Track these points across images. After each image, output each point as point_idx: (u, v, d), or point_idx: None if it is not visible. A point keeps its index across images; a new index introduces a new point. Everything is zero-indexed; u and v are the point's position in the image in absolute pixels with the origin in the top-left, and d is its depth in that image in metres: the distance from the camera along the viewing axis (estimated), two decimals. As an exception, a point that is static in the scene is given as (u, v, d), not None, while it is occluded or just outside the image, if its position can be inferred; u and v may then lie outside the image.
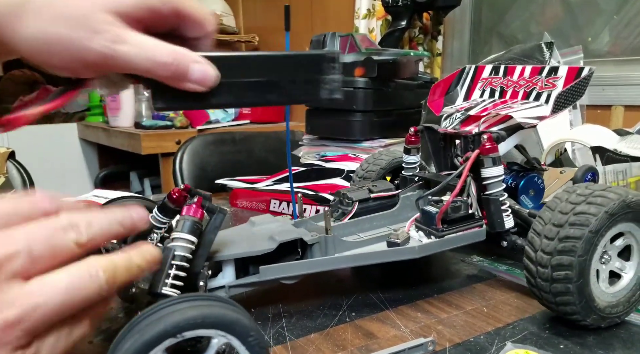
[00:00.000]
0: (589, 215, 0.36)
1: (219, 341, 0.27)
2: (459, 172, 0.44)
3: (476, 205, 0.45)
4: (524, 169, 0.52)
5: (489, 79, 0.53)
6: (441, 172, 0.53)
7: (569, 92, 0.45)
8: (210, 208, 0.37)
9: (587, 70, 0.45)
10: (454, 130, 0.50)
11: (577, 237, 0.36)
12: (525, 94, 0.49)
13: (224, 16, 2.01)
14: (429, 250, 0.43)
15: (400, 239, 0.42)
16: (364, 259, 0.43)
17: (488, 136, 0.44)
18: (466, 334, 0.39)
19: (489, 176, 0.44)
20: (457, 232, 0.44)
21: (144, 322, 0.26)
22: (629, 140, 0.71)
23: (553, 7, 1.28)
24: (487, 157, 0.43)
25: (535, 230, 0.38)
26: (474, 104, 0.51)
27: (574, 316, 0.38)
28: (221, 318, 0.27)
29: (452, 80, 0.57)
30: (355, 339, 0.38)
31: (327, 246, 0.42)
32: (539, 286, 0.38)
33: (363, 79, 0.95)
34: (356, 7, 1.48)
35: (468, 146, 0.48)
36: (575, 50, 0.90)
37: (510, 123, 0.47)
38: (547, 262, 0.37)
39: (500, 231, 0.45)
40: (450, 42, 1.52)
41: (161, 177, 1.57)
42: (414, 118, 1.01)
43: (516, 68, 0.51)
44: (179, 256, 0.35)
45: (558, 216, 0.37)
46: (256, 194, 0.81)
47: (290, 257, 0.43)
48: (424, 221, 0.44)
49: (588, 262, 0.36)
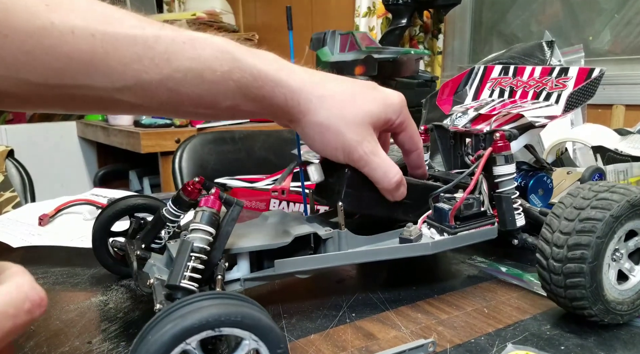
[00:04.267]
0: (612, 201, 0.37)
1: (249, 345, 0.27)
2: (471, 170, 0.45)
3: (488, 203, 0.45)
4: (533, 169, 0.53)
5: (498, 79, 0.54)
6: (451, 170, 0.53)
7: (580, 92, 0.45)
8: (227, 200, 0.37)
9: (597, 71, 0.45)
10: (465, 128, 0.50)
11: (598, 219, 0.37)
12: (535, 94, 0.49)
13: (223, 14, 2.00)
14: (442, 247, 0.43)
15: (413, 236, 0.42)
16: (378, 255, 0.43)
17: (501, 134, 0.44)
18: (467, 335, 0.38)
19: (501, 174, 0.44)
20: (469, 229, 0.44)
21: (186, 309, 0.26)
22: (630, 139, 0.71)
23: (554, 6, 1.27)
24: (499, 155, 0.44)
25: (555, 213, 0.39)
26: (484, 103, 0.52)
27: (582, 302, 0.37)
28: (257, 322, 0.26)
29: (460, 80, 0.57)
30: (356, 340, 0.38)
31: (341, 241, 0.42)
32: (551, 268, 0.38)
33: (363, 77, 0.95)
34: (357, 5, 1.47)
35: (479, 144, 0.48)
36: (576, 49, 0.90)
37: (521, 122, 0.47)
38: (563, 243, 0.37)
39: (511, 229, 0.45)
40: (451, 40, 1.52)
41: (160, 176, 1.57)
42: (415, 117, 1.00)
43: (526, 68, 0.51)
44: (198, 248, 0.34)
45: (580, 200, 0.38)
46: (256, 193, 0.81)
47: (303, 252, 0.43)
48: (436, 218, 0.44)
49: (605, 245, 0.37)
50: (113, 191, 0.83)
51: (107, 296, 0.47)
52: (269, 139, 1.34)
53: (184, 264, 0.34)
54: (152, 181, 1.96)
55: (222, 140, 1.26)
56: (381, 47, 1.04)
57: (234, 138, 1.29)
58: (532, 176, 0.51)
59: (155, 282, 0.36)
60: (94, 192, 0.82)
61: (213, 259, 0.37)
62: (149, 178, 1.97)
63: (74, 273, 0.53)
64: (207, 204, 0.36)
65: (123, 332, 0.39)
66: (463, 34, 1.50)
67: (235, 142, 1.28)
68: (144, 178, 1.99)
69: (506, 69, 0.53)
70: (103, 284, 0.50)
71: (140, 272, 0.39)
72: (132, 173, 2.05)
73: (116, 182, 2.05)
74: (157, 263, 0.40)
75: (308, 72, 0.42)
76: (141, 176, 2.02)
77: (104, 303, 0.45)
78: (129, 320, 0.42)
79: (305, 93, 0.40)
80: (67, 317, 0.42)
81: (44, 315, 0.42)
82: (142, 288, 0.37)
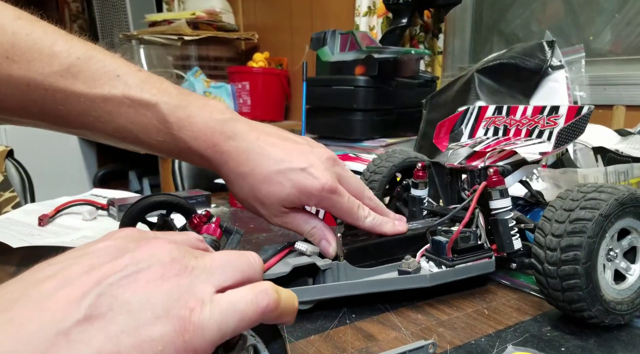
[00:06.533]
0: (600, 201, 0.38)
1: (248, 341, 0.27)
2: (466, 204, 0.45)
3: (485, 237, 0.46)
4: (529, 204, 0.54)
5: (492, 118, 0.56)
6: (449, 206, 0.54)
7: (570, 128, 0.47)
8: (227, 228, 0.38)
9: (586, 109, 0.46)
10: (461, 165, 0.52)
11: (587, 218, 0.37)
12: (528, 132, 0.51)
13: (223, 13, 2.00)
14: (440, 279, 0.43)
15: (412, 268, 0.43)
16: (377, 286, 0.43)
17: (494, 170, 0.45)
18: (467, 336, 0.38)
19: (498, 208, 0.45)
20: (467, 262, 0.44)
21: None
22: (630, 140, 0.70)
23: (554, 6, 1.27)
24: (494, 189, 0.44)
25: (546, 216, 0.39)
26: (479, 141, 0.54)
27: (580, 303, 0.37)
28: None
29: (456, 120, 0.59)
30: (356, 341, 0.38)
31: (339, 272, 0.43)
32: (546, 271, 0.38)
33: (364, 77, 0.95)
34: (357, 5, 1.47)
35: (475, 180, 0.49)
36: (576, 49, 0.90)
37: (515, 158, 0.49)
38: (556, 245, 0.37)
39: (509, 253, 0.45)
40: (451, 40, 1.52)
41: (160, 177, 1.57)
42: (415, 117, 1.00)
43: (518, 108, 0.53)
44: None
45: (569, 202, 0.39)
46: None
47: (300, 282, 0.43)
48: (434, 250, 0.45)
49: (597, 245, 0.37)
50: (113, 192, 0.82)
51: (107, 296, 0.47)
52: (269, 139, 1.34)
53: None
54: (151, 182, 1.96)
55: (222, 140, 1.26)
56: (381, 46, 1.04)
57: (234, 138, 1.28)
58: (528, 211, 0.53)
59: None
60: (94, 192, 0.82)
61: None
62: (148, 178, 1.97)
63: (73, 273, 0.53)
64: (208, 231, 0.37)
65: (123, 333, 0.39)
66: (463, 34, 1.50)
67: (235, 142, 1.28)
68: (143, 178, 1.99)
69: (500, 109, 0.55)
70: (103, 285, 0.49)
71: None
72: (132, 174, 2.05)
73: (116, 182, 2.05)
74: None
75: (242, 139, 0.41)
76: (141, 176, 2.02)
77: (104, 303, 0.45)
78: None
79: (225, 169, 0.42)
80: (67, 318, 0.42)
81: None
82: None
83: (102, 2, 2.26)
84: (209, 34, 1.84)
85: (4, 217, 0.69)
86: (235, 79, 1.77)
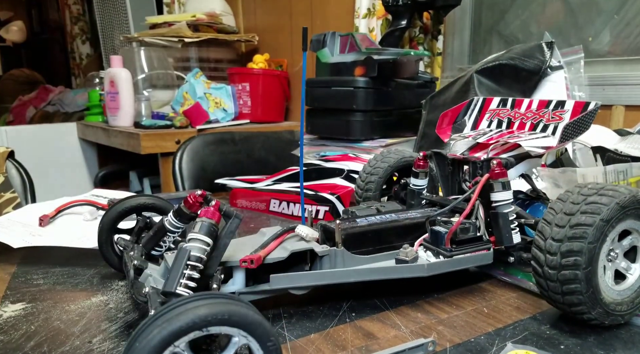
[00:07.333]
0: (601, 204, 0.37)
1: (239, 341, 0.27)
2: (467, 195, 0.45)
3: (484, 229, 0.46)
4: (530, 198, 0.53)
5: (496, 110, 0.55)
6: (449, 196, 0.54)
7: (575, 124, 0.46)
8: (227, 212, 0.37)
9: (593, 105, 0.46)
10: (463, 156, 0.51)
11: (588, 224, 0.36)
12: (532, 126, 0.50)
13: (223, 15, 2.00)
14: (437, 269, 0.43)
15: (409, 257, 0.43)
16: (374, 274, 0.43)
17: (498, 162, 0.45)
18: (466, 334, 0.39)
19: (499, 200, 0.44)
20: (465, 253, 0.44)
21: (172, 312, 0.26)
22: (629, 140, 0.71)
23: (553, 7, 1.27)
24: (496, 181, 0.44)
25: (546, 220, 0.39)
26: (482, 132, 0.53)
27: (580, 307, 0.37)
28: (244, 318, 0.26)
29: (460, 111, 0.58)
30: (356, 340, 0.38)
31: (337, 259, 0.43)
32: (546, 275, 0.38)
33: (363, 78, 0.95)
34: (356, 7, 1.47)
35: (477, 171, 0.49)
36: (575, 50, 0.90)
37: (519, 151, 0.49)
38: (556, 250, 0.37)
39: (508, 247, 0.45)
40: (451, 41, 1.52)
41: (161, 177, 1.57)
42: (415, 118, 1.01)
43: (524, 101, 0.52)
44: (194, 257, 0.35)
45: (570, 206, 0.38)
46: (256, 194, 0.81)
47: (298, 268, 0.43)
48: (432, 240, 0.45)
49: (598, 250, 0.37)
50: (113, 192, 0.83)
51: (108, 296, 0.47)
52: (269, 140, 1.34)
53: (181, 271, 0.34)
54: (152, 182, 1.96)
55: (222, 141, 1.26)
56: (381, 48, 1.04)
57: (234, 139, 1.29)
58: (528, 205, 0.52)
59: (150, 290, 0.36)
60: (95, 193, 0.82)
61: (209, 270, 0.37)
62: (149, 179, 1.97)
63: (74, 273, 0.53)
64: (207, 215, 0.36)
65: (123, 332, 0.40)
66: (463, 35, 1.51)
67: (235, 143, 1.28)
68: (144, 179, 1.99)
69: (504, 101, 0.54)
70: (103, 284, 0.50)
71: (136, 281, 0.40)
72: (133, 174, 2.05)
73: (116, 183, 2.05)
74: (153, 273, 0.40)
75: None
76: (141, 176, 2.02)
77: (105, 303, 0.45)
78: (129, 320, 0.42)
79: None
80: (68, 317, 0.42)
81: (45, 315, 0.43)
82: (137, 297, 0.38)
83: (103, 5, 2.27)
84: (210, 36, 1.85)
85: (5, 217, 0.69)
86: (235, 80, 1.77)
